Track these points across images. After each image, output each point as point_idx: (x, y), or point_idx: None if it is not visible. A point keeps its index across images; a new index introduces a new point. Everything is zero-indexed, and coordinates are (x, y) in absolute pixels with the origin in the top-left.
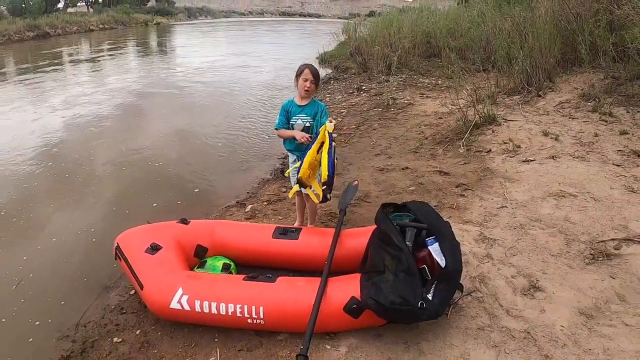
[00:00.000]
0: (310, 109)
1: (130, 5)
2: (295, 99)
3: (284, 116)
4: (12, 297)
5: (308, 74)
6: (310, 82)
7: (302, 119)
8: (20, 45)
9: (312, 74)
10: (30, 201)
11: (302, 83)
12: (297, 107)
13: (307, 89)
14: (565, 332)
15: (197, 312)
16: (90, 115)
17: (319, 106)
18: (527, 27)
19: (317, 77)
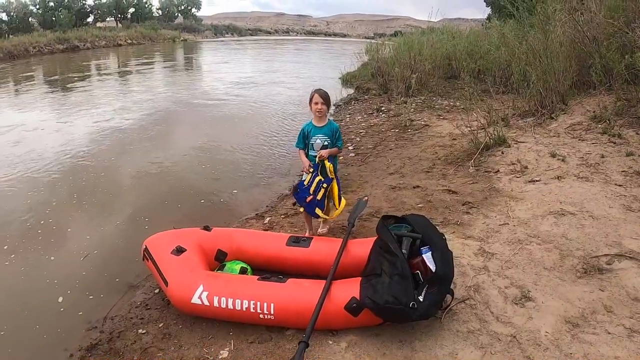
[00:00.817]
0: (327, 129)
1: (157, 21)
2: (313, 121)
3: (302, 136)
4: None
5: (318, 98)
6: (320, 104)
7: (321, 139)
8: (50, 57)
9: (322, 97)
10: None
11: (314, 106)
12: (316, 129)
13: (319, 110)
14: (549, 337)
15: (215, 307)
16: (120, 127)
17: (335, 127)
18: (541, 50)
19: (327, 98)
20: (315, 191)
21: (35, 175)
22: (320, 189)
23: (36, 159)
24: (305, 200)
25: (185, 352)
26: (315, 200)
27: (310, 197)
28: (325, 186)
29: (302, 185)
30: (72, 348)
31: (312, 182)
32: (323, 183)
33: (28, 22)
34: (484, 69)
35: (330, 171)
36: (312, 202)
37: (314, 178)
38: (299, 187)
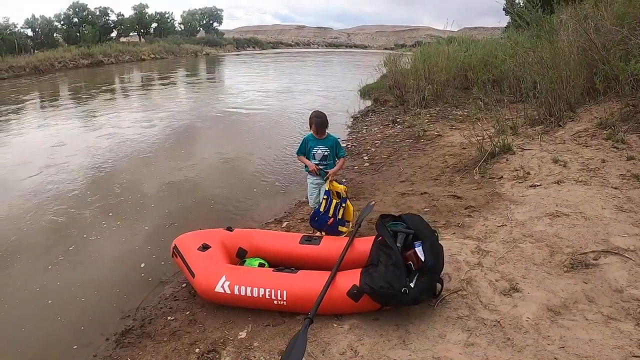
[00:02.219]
0: (326, 142)
1: (180, 35)
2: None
3: (303, 146)
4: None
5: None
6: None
7: (321, 149)
8: (75, 72)
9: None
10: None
11: (314, 128)
12: (316, 140)
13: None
14: (530, 322)
15: (235, 295)
16: (147, 139)
17: (333, 139)
18: (548, 60)
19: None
20: (336, 212)
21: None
22: (340, 208)
23: (65, 170)
24: (326, 225)
25: (209, 334)
26: (337, 220)
27: (332, 220)
28: (344, 205)
29: (319, 213)
30: (108, 333)
31: (329, 207)
32: (342, 204)
33: (53, 37)
34: (499, 78)
35: (344, 192)
36: (334, 224)
37: (330, 203)
38: (317, 216)
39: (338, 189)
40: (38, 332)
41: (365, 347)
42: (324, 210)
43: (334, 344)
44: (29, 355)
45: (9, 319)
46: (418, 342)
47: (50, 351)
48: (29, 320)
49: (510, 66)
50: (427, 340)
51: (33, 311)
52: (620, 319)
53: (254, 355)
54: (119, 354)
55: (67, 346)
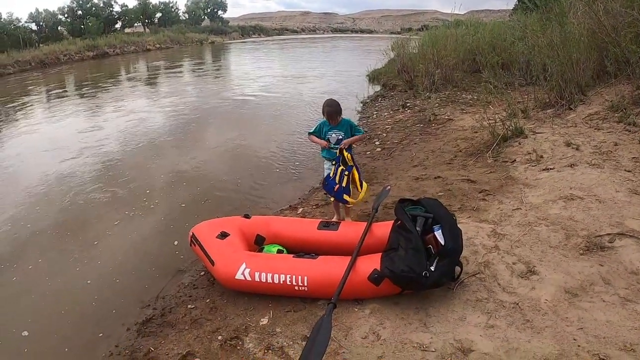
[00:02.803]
0: (341, 126)
1: (184, 25)
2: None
3: (318, 128)
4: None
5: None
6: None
7: (336, 133)
8: (81, 64)
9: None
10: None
11: (326, 116)
12: (330, 126)
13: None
14: (548, 304)
15: (256, 282)
16: (161, 128)
17: (347, 122)
18: (558, 43)
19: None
20: (340, 180)
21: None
22: (343, 177)
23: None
24: (334, 190)
25: (230, 321)
26: (342, 188)
27: (337, 186)
28: (347, 174)
29: (329, 178)
30: (128, 323)
31: (336, 173)
32: (345, 171)
33: (57, 31)
34: (508, 61)
35: (349, 160)
36: (339, 190)
37: (337, 169)
38: (327, 180)
39: (347, 157)
40: (58, 325)
41: (387, 330)
42: (332, 176)
43: (356, 328)
44: (51, 348)
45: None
46: (439, 325)
47: (71, 343)
48: (48, 313)
49: (520, 49)
50: (447, 323)
51: (52, 304)
52: (636, 301)
53: (277, 341)
54: (141, 343)
55: (88, 337)
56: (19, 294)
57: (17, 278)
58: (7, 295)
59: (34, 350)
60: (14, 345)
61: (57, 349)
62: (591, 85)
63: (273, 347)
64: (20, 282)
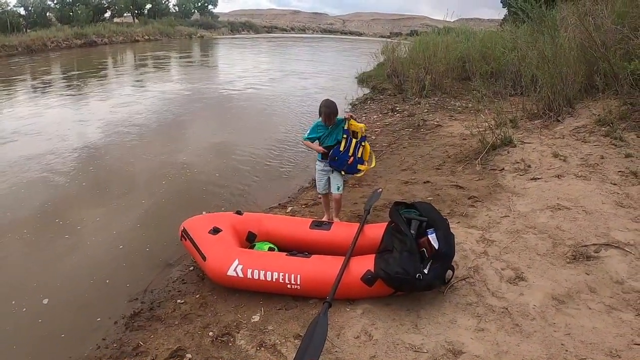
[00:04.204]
0: (336, 127)
1: (174, 17)
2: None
3: (314, 132)
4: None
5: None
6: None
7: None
8: (68, 52)
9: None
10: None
11: (323, 117)
12: (326, 129)
13: (328, 121)
14: (537, 310)
15: (248, 279)
16: (145, 123)
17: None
18: (549, 55)
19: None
20: (355, 151)
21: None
22: (359, 147)
23: (58, 152)
24: (347, 163)
25: (221, 317)
26: (357, 159)
27: (352, 158)
28: (364, 144)
29: (339, 152)
30: (116, 316)
31: (349, 146)
32: (361, 142)
33: (46, 17)
34: (497, 71)
35: (364, 130)
36: (354, 162)
37: (350, 142)
38: (337, 155)
39: (357, 127)
40: (44, 318)
41: (379, 331)
42: (343, 149)
43: (348, 327)
44: (37, 342)
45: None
46: (430, 327)
47: (58, 336)
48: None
49: (510, 59)
50: (438, 325)
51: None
52: (621, 309)
53: (269, 339)
54: (129, 337)
55: (75, 330)
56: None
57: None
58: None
59: (19, 343)
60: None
61: (44, 342)
62: (579, 99)
63: (266, 345)
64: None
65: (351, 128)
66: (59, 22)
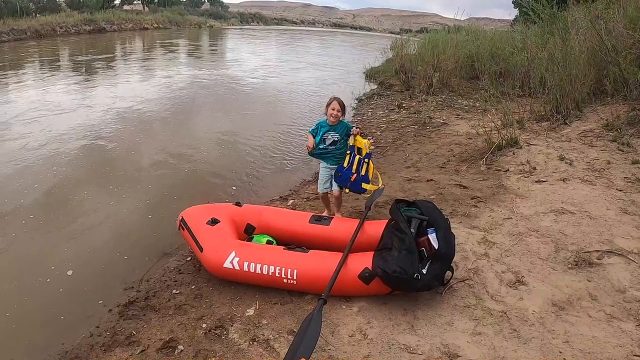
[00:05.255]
0: (339, 128)
1: (184, 6)
2: (327, 120)
3: (316, 128)
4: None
5: (336, 105)
6: (337, 110)
7: (332, 135)
8: (77, 38)
9: (340, 105)
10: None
11: (330, 111)
12: (328, 126)
13: (334, 116)
14: (536, 315)
15: (244, 272)
16: (149, 111)
17: (345, 125)
18: (559, 58)
19: (343, 107)
20: (359, 169)
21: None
22: (363, 164)
23: (63, 139)
24: (350, 180)
25: (215, 309)
26: (360, 176)
27: (355, 175)
28: (367, 161)
29: (343, 169)
30: (110, 304)
31: (352, 162)
32: (365, 159)
33: (55, 2)
34: (506, 71)
35: (368, 146)
36: (358, 179)
37: (353, 159)
38: (340, 171)
39: (361, 144)
40: (38, 303)
41: (374, 330)
42: (347, 165)
43: (343, 325)
44: (31, 327)
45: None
46: (426, 328)
47: (51, 323)
48: (28, 291)
49: (519, 60)
50: (435, 327)
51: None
52: (622, 319)
53: (263, 333)
54: (123, 325)
55: (68, 316)
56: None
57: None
58: None
59: (10, 328)
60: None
61: (36, 327)
62: (587, 102)
63: (258, 339)
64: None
65: (356, 144)
66: (68, 7)
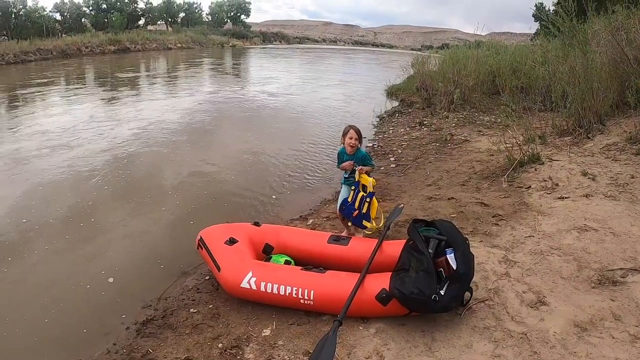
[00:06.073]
0: (356, 158)
1: (207, 26)
2: (345, 150)
3: (339, 158)
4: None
5: (353, 134)
6: (354, 139)
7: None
8: (102, 58)
9: (357, 134)
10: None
11: (348, 141)
12: (347, 156)
13: (352, 145)
14: (557, 337)
15: (261, 292)
16: (172, 128)
17: (362, 154)
18: (580, 71)
19: (360, 135)
20: (360, 206)
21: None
22: (364, 203)
23: (87, 155)
24: (352, 215)
25: (232, 329)
26: (362, 214)
27: (357, 212)
28: (368, 200)
29: (347, 203)
30: (128, 322)
31: (355, 199)
32: (366, 198)
33: (81, 22)
34: (527, 86)
35: (372, 185)
36: (358, 216)
37: (357, 195)
38: (344, 205)
39: (366, 181)
40: (57, 319)
41: (391, 352)
42: (351, 200)
43: (359, 347)
44: (48, 341)
45: (28, 303)
46: (444, 350)
47: (69, 338)
48: (47, 306)
49: (541, 74)
50: (453, 349)
51: (52, 297)
52: None
53: (279, 354)
54: (140, 343)
55: (86, 332)
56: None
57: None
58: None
59: (32, 341)
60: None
61: (54, 342)
62: (610, 115)
63: None
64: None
65: (361, 181)
66: (93, 28)
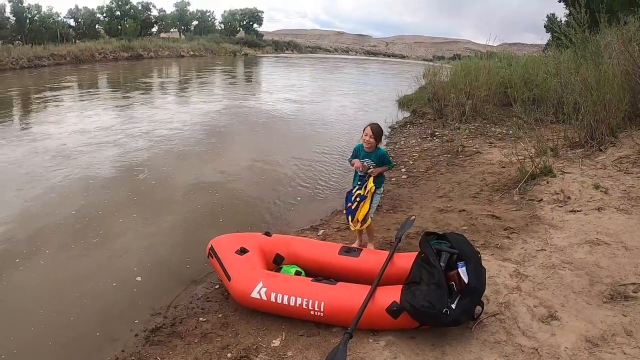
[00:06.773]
0: (374, 156)
1: (220, 34)
2: (363, 146)
3: (355, 154)
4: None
5: (369, 131)
6: (370, 137)
7: (368, 162)
8: (115, 64)
9: (373, 132)
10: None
11: (365, 138)
12: (365, 153)
13: (368, 142)
14: (568, 352)
15: (271, 302)
16: (183, 137)
17: (381, 152)
18: (592, 82)
19: (378, 134)
20: (353, 201)
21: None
22: (355, 201)
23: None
24: (347, 205)
25: (241, 339)
26: (350, 209)
27: (350, 204)
28: (358, 200)
29: (351, 193)
30: (137, 329)
31: (354, 193)
32: (361, 199)
33: (95, 29)
34: (539, 97)
35: (370, 191)
36: (349, 209)
37: (357, 190)
38: (349, 193)
39: (369, 184)
40: (65, 325)
41: None
42: (354, 192)
43: (369, 359)
44: (57, 348)
45: (36, 310)
46: None
47: (77, 344)
48: (56, 311)
49: (552, 85)
50: None
51: (60, 303)
52: None
53: None
54: (148, 351)
55: (95, 338)
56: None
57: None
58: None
59: (40, 346)
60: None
61: (62, 348)
62: (623, 128)
63: None
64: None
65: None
66: (107, 34)
